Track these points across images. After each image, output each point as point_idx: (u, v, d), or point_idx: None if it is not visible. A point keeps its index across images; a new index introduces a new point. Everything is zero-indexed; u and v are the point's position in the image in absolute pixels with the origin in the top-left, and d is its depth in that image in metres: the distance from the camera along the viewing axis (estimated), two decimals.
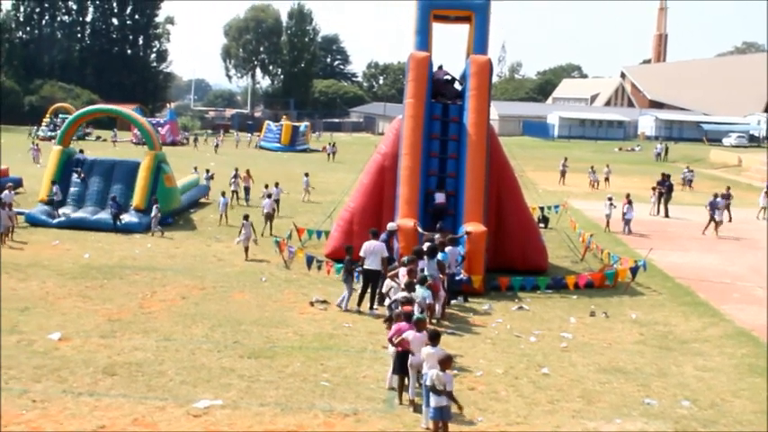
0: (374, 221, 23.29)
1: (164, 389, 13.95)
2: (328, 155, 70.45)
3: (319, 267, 22.93)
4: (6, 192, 29.76)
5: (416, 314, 14.96)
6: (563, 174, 53.62)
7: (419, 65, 24.60)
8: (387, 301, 17.98)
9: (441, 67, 26.77)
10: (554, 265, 26.26)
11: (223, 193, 32.97)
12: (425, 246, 19.98)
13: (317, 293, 20.87)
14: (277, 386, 14.33)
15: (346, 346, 16.97)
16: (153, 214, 29.15)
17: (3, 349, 15.61)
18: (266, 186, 35.01)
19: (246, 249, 25.75)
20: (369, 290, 19.90)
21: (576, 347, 17.61)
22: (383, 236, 21.90)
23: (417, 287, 17.33)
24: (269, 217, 30.50)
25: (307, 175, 40.97)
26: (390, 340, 13.98)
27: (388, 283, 18.25)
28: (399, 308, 15.36)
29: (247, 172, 40.27)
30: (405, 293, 16.39)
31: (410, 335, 13.64)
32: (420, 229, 21.98)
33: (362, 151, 65.49)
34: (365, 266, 20.01)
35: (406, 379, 13.77)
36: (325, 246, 26.21)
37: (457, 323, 19.28)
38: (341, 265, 21.74)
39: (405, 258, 19.41)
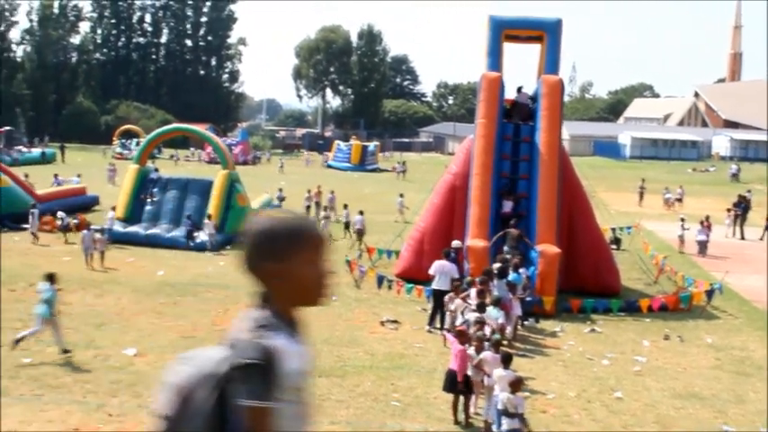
0: (445, 241, 23.24)
1: None
2: (398, 174, 70.83)
3: (390, 287, 22.97)
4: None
5: (488, 335, 14.91)
6: (641, 195, 52.82)
7: (491, 85, 24.59)
8: (457, 321, 17.96)
9: (520, 90, 26.70)
10: (627, 287, 25.92)
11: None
12: (497, 266, 19.92)
13: (387, 313, 20.91)
14: (348, 405, 14.37)
15: (417, 366, 16.95)
16: (209, 232, 29.59)
17: (80, 363, 15.94)
18: (345, 206, 35.29)
19: None
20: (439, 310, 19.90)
21: (650, 371, 17.34)
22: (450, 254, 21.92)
23: (489, 308, 17.26)
24: (360, 233, 31.69)
25: (401, 195, 40.95)
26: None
27: (457, 302, 18.22)
28: (472, 329, 15.28)
29: (318, 188, 41.96)
30: (477, 314, 16.31)
31: (488, 355, 13.56)
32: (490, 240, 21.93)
33: (432, 171, 65.52)
34: (434, 286, 20.02)
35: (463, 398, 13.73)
36: (395, 265, 26.25)
37: (528, 345, 19.14)
38: (411, 285, 21.80)
39: (476, 279, 19.35)
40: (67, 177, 45.08)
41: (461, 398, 13.81)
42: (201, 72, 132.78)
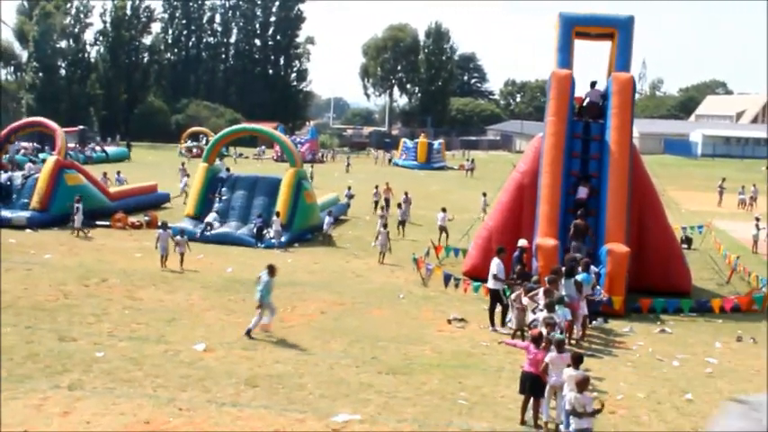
0: (513, 239, 23.09)
1: (303, 402, 14.18)
2: (466, 171, 70.92)
3: (457, 285, 22.91)
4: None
5: (556, 335, 14.76)
6: (721, 194, 51.63)
7: (561, 82, 24.36)
8: (527, 320, 17.86)
9: (594, 85, 26.41)
10: (698, 287, 25.50)
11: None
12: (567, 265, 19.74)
13: (454, 311, 20.85)
14: (415, 403, 14.36)
15: (484, 365, 16.87)
16: (276, 229, 29.84)
17: (151, 358, 16.20)
18: (398, 206, 35.19)
19: (381, 255, 28.13)
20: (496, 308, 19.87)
21: (722, 373, 17.03)
22: (516, 253, 21.80)
23: (557, 307, 17.09)
24: (442, 229, 32.07)
25: (485, 194, 40.75)
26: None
27: (526, 301, 18.11)
28: (541, 327, 15.14)
29: (387, 185, 42.31)
30: (546, 314, 16.14)
31: (552, 356, 13.42)
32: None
33: (499, 169, 65.24)
34: (489, 285, 19.99)
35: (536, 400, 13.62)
36: (462, 264, 26.18)
37: (597, 345, 18.93)
38: (478, 284, 21.72)
39: (545, 278, 19.19)
40: (119, 176, 45.67)
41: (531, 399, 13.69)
42: (270, 71, 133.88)
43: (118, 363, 15.82)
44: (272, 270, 18.80)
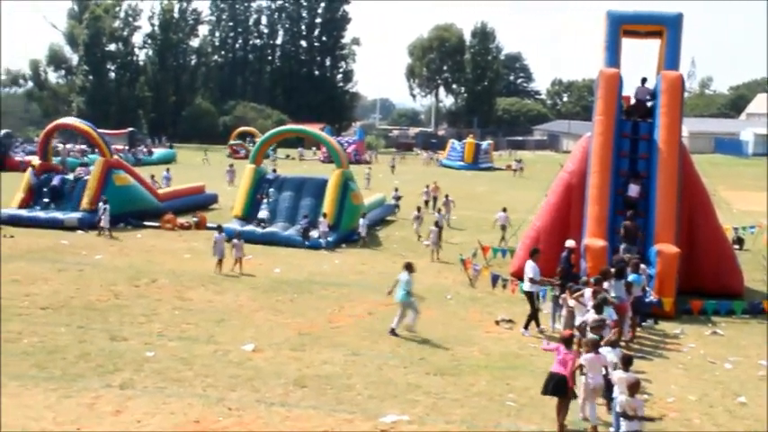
0: (561, 240, 22.91)
1: (352, 402, 14.20)
2: (514, 171, 70.87)
3: (504, 286, 22.79)
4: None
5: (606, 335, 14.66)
6: None
7: (609, 81, 24.15)
8: (576, 321, 17.71)
9: (644, 81, 26.14)
10: (750, 288, 25.11)
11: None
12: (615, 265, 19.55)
13: (502, 312, 20.75)
14: (463, 404, 14.33)
15: (532, 367, 16.76)
16: (323, 230, 29.94)
17: (200, 358, 16.34)
18: (438, 211, 35.13)
19: (432, 252, 28.74)
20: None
21: None
22: (564, 253, 21.64)
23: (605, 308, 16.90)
24: (503, 228, 32.41)
25: (504, 210, 40.67)
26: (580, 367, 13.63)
27: (573, 303, 17.97)
28: (590, 331, 15.01)
29: (435, 183, 44.15)
30: (595, 316, 15.98)
31: (588, 357, 13.38)
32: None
33: (546, 169, 64.90)
34: (524, 288, 19.85)
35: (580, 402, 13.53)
36: (510, 264, 26.06)
37: (647, 347, 18.73)
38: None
39: (591, 279, 19.02)
40: (167, 173, 46.04)
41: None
42: (316, 72, 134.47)
43: (168, 362, 15.98)
44: (409, 267, 18.99)
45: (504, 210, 33.29)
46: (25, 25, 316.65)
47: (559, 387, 13.21)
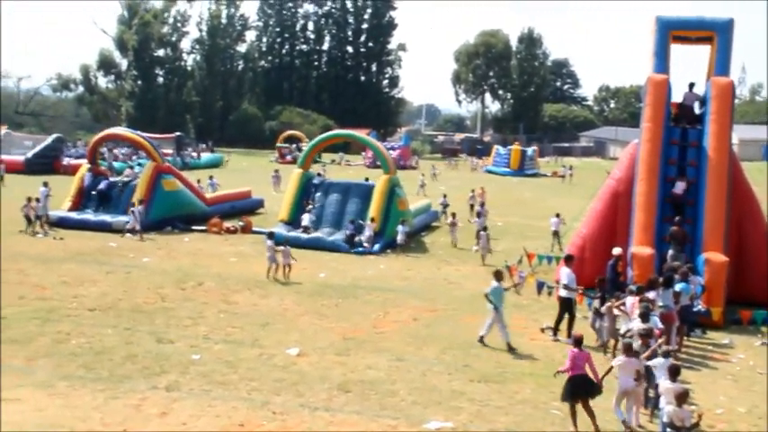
0: (607, 248, 22.74)
1: (396, 408, 14.20)
2: (563, 177, 70.75)
3: (550, 293, 22.63)
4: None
5: (653, 345, 14.51)
6: None
7: (657, 88, 23.92)
8: (621, 330, 17.55)
9: (692, 87, 25.85)
10: None
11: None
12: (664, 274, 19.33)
13: (547, 320, 20.59)
14: (507, 412, 14.25)
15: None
16: (369, 235, 29.97)
17: (245, 361, 16.43)
18: (477, 215, 34.81)
19: (483, 257, 29.00)
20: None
21: None
22: (610, 262, 21.47)
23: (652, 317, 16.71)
24: (555, 234, 32.37)
25: (558, 215, 40.47)
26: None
27: (617, 311, 17.81)
28: (636, 340, 14.87)
29: (482, 189, 44.91)
30: (641, 325, 15.80)
31: (620, 360, 13.59)
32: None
33: (593, 176, 64.52)
34: (560, 294, 19.68)
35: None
36: (555, 271, 25.85)
37: (695, 357, 18.50)
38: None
39: (631, 287, 18.83)
40: (212, 180, 46.27)
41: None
42: (362, 78, 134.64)
43: (213, 365, 16.09)
44: (498, 276, 18.83)
45: (558, 215, 33.19)
46: (76, 31, 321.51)
47: (584, 387, 13.49)
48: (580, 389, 13.53)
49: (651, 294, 18.20)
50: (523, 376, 16.26)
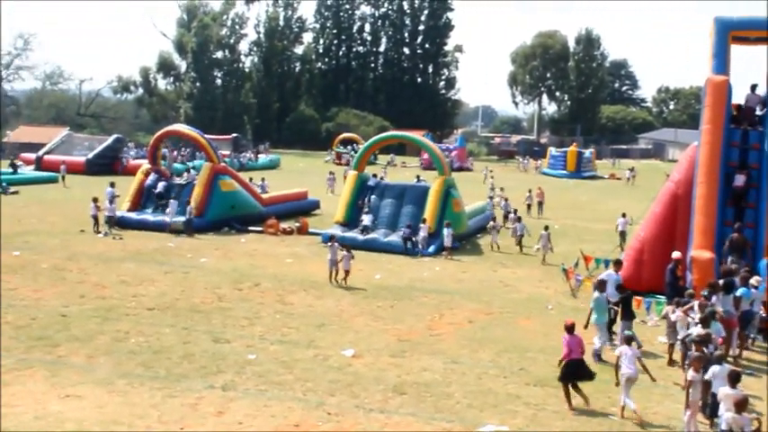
0: (666, 252, 22.46)
1: (451, 411, 14.16)
2: (621, 179, 70.29)
3: None
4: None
5: (712, 351, 14.31)
6: None
7: (717, 89, 23.55)
8: (679, 335, 17.33)
9: (754, 88, 25.40)
10: None
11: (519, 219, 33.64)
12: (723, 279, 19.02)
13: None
14: (563, 417, 14.15)
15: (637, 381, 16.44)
16: (423, 236, 29.96)
17: (301, 362, 16.51)
18: (519, 219, 34.63)
19: (544, 256, 29.53)
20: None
21: None
22: (670, 265, 21.20)
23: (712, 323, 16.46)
24: (623, 234, 32.55)
25: (624, 215, 40.14)
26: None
27: (678, 315, 17.57)
28: (694, 346, 14.69)
29: (539, 188, 45.24)
30: (701, 330, 15.59)
31: (622, 349, 14.59)
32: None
33: (651, 179, 63.78)
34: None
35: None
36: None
37: (756, 363, 18.17)
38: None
39: (701, 292, 18.57)
40: (263, 182, 46.46)
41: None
42: (418, 79, 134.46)
43: (269, 365, 16.20)
44: (601, 286, 18.43)
45: (624, 215, 33.06)
46: (137, 34, 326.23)
47: (580, 370, 14.76)
48: (575, 372, 14.73)
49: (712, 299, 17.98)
50: (580, 381, 16.07)
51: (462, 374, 16.20)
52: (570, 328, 15.02)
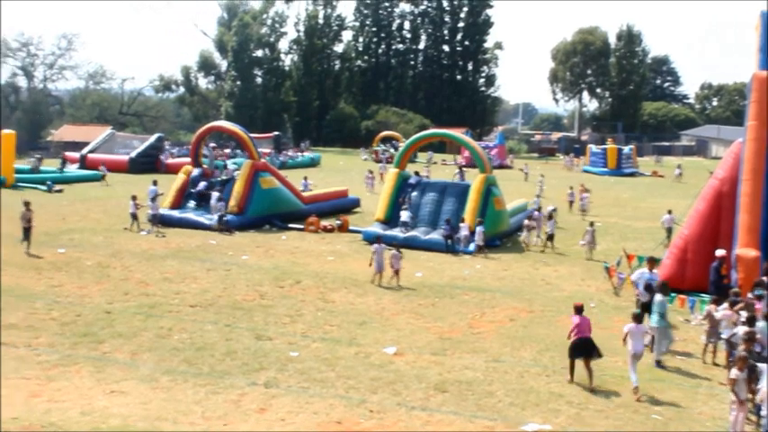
0: (710, 250, 22.25)
1: (493, 409, 14.12)
2: (676, 176, 69.87)
3: None
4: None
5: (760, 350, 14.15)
6: None
7: (763, 85, 23.22)
8: (723, 334, 17.12)
9: None
10: None
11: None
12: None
13: (647, 322, 20.19)
14: (607, 416, 14.05)
15: (679, 380, 16.33)
16: (464, 234, 29.81)
17: (343, 359, 16.55)
18: (549, 217, 34.04)
19: (590, 252, 29.75)
20: None
21: None
22: (714, 264, 20.97)
23: (760, 322, 16.24)
24: (669, 231, 32.51)
25: (670, 212, 39.79)
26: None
27: (724, 314, 17.37)
28: (741, 345, 14.52)
29: (582, 186, 45.60)
30: (746, 328, 15.41)
31: (630, 326, 15.72)
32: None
33: (695, 176, 63.13)
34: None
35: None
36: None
37: None
38: (673, 295, 20.94)
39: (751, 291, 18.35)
40: (305, 182, 46.56)
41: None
42: (458, 77, 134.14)
43: (311, 363, 16.26)
44: (664, 289, 18.26)
45: (670, 212, 32.89)
46: (178, 33, 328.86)
47: (587, 348, 15.77)
48: (583, 349, 15.75)
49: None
50: (623, 380, 15.95)
51: (504, 373, 16.15)
52: (579, 309, 16.27)
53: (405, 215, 31.73)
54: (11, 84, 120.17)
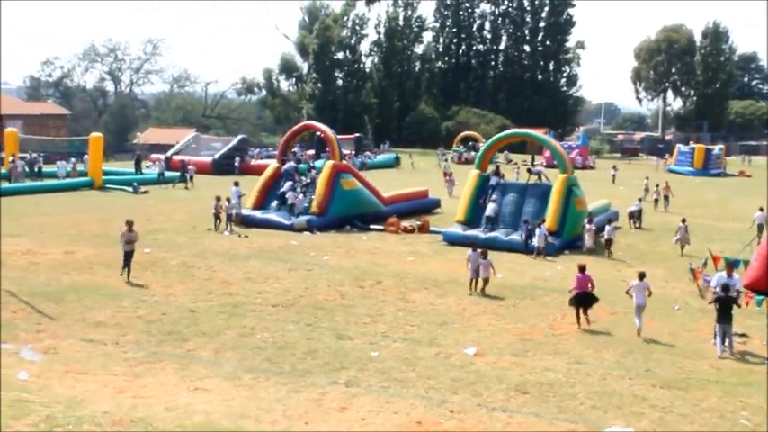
0: None
1: (574, 412, 13.97)
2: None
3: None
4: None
5: None
6: None
7: None
8: None
9: None
10: None
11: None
12: None
13: (735, 326, 19.73)
14: (692, 420, 13.78)
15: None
16: (543, 235, 29.46)
17: (423, 359, 16.57)
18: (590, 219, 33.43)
19: (682, 248, 30.44)
20: None
21: None
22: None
23: None
24: (760, 228, 32.94)
25: (761, 209, 38.95)
26: None
27: None
28: None
29: (666, 183, 46.45)
30: None
31: (634, 283, 19.01)
32: None
33: None
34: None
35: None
36: (744, 276, 24.77)
37: None
38: (761, 297, 20.45)
39: None
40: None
41: None
42: (539, 77, 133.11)
43: (392, 363, 16.30)
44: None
45: (762, 209, 32.55)
46: (260, 37, 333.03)
47: (587, 299, 19.58)
48: (584, 300, 19.55)
49: None
50: (709, 383, 15.66)
51: (586, 375, 15.97)
52: (582, 268, 19.98)
53: (490, 208, 31.56)
54: (99, 88, 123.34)
